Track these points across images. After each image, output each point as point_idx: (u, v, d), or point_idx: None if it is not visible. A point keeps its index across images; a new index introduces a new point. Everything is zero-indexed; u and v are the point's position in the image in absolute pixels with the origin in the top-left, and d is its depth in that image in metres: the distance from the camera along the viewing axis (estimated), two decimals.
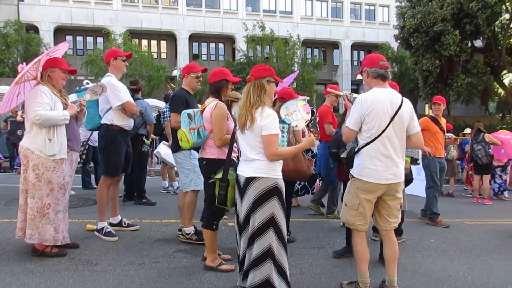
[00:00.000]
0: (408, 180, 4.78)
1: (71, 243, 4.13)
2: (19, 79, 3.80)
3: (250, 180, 2.98)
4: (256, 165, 2.99)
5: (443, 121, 6.58)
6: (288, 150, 3.17)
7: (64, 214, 3.97)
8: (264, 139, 2.94)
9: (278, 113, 3.32)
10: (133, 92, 6.11)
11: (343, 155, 3.48)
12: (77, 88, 4.49)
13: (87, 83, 4.51)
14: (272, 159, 2.98)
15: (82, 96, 4.24)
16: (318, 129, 6.50)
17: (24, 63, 3.86)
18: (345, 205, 3.35)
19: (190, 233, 4.57)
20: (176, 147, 4.35)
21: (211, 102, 3.69)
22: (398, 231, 4.91)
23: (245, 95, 3.07)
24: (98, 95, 4.20)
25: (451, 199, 9.75)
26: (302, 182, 5.99)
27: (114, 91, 4.41)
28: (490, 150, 9.09)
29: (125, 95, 4.50)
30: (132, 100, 4.65)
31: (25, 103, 3.90)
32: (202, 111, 3.71)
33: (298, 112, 3.81)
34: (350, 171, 3.35)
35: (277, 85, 3.26)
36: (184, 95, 4.41)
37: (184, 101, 4.28)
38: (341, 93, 4.29)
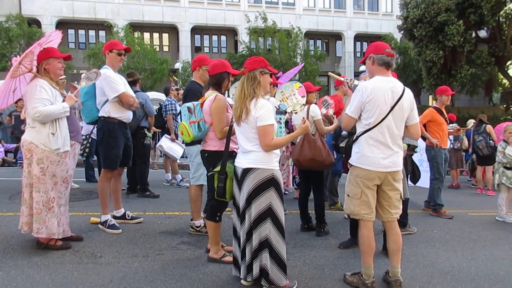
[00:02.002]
0: (417, 178, 4.78)
1: (75, 235, 4.16)
2: (14, 73, 3.75)
3: (247, 171, 3.04)
4: (253, 156, 3.04)
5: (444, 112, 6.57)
6: (282, 139, 3.18)
7: (65, 208, 3.99)
8: (259, 130, 2.97)
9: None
10: (130, 84, 6.09)
11: (342, 144, 3.47)
12: (76, 82, 4.47)
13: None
14: (267, 149, 3.01)
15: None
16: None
17: (18, 56, 3.79)
18: (348, 195, 3.33)
19: (200, 225, 4.59)
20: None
21: (210, 95, 3.68)
22: (402, 223, 4.91)
23: (239, 87, 3.10)
24: (92, 80, 4.16)
25: (455, 190, 9.70)
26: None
27: (110, 83, 4.38)
28: (491, 141, 9.04)
29: (120, 87, 4.46)
30: (128, 92, 4.61)
31: (24, 98, 3.83)
32: (201, 104, 3.70)
33: (294, 96, 3.82)
34: (349, 161, 3.34)
35: (271, 75, 3.26)
36: (198, 89, 4.40)
37: (199, 95, 4.26)
38: (342, 79, 4.26)
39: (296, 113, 4.51)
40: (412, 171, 5.04)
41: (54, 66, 3.86)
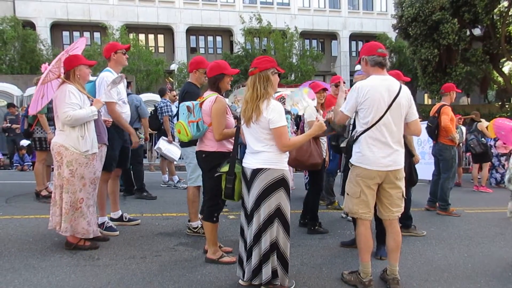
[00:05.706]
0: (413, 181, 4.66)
1: (102, 236, 4.27)
2: (44, 80, 3.90)
3: (257, 171, 3.00)
4: (263, 156, 3.01)
5: None
6: (299, 138, 3.18)
7: (93, 208, 4.11)
8: (275, 132, 2.95)
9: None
10: None
11: (342, 144, 3.49)
12: None
13: None
14: (285, 150, 3.02)
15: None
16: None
17: (47, 63, 3.94)
18: (347, 194, 3.35)
19: (197, 227, 4.58)
20: (187, 142, 4.25)
21: (210, 96, 3.67)
22: (405, 225, 4.89)
23: (251, 88, 3.05)
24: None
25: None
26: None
27: (105, 87, 4.36)
28: (483, 139, 9.10)
29: (114, 95, 4.41)
30: (116, 103, 4.48)
31: (54, 103, 3.94)
32: (201, 104, 3.69)
33: (304, 100, 3.84)
34: (350, 160, 3.35)
35: (279, 76, 3.26)
36: (195, 91, 4.40)
37: (196, 98, 4.24)
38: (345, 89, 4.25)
39: (311, 118, 4.54)
40: (409, 174, 4.54)
41: (85, 72, 4.02)
